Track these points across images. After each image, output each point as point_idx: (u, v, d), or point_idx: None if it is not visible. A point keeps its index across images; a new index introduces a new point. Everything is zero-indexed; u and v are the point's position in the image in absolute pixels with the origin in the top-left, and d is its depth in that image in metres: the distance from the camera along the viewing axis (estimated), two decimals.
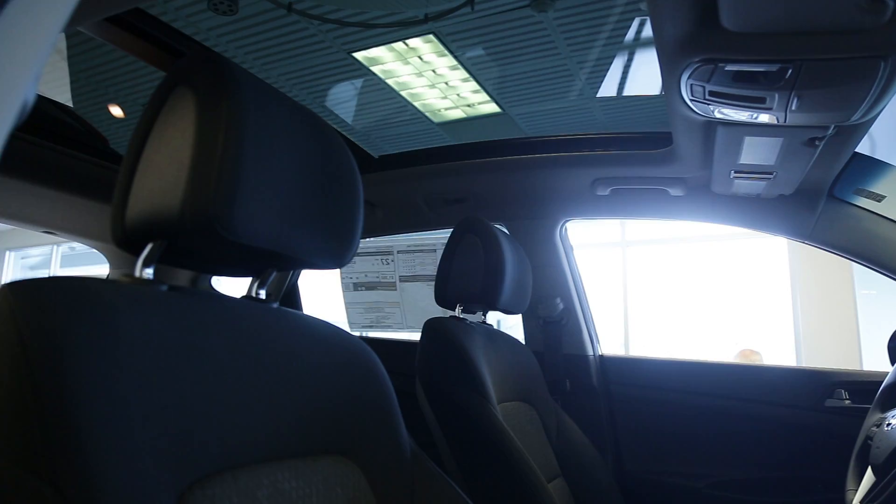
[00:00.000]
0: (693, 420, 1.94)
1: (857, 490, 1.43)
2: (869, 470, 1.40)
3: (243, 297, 0.84)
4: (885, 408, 1.51)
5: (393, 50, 3.93)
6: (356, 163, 0.88)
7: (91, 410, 0.54)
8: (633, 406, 2.01)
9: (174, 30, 1.52)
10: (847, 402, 1.80)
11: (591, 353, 2.03)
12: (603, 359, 2.06)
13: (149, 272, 0.70)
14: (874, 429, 1.46)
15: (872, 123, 1.33)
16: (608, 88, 4.18)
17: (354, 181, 0.86)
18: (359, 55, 3.96)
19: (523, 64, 4.07)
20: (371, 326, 2.46)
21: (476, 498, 1.29)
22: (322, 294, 2.83)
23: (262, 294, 0.85)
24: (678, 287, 6.07)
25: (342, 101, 4.61)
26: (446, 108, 4.65)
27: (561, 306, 2.00)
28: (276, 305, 0.84)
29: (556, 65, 4.03)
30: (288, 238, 0.75)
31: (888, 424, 1.41)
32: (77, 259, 8.05)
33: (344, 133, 1.89)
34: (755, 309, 5.80)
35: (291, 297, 2.36)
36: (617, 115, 4.57)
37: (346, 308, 2.46)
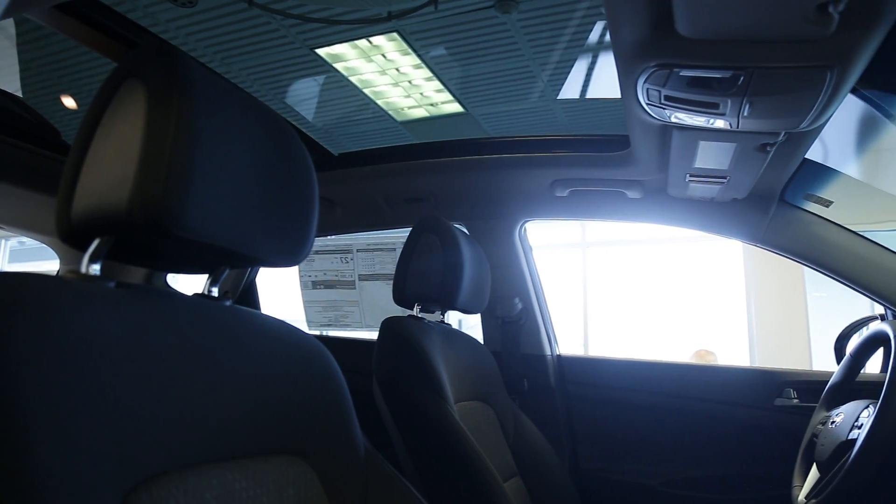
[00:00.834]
0: (648, 419, 1.98)
1: (802, 486, 1.47)
2: (814, 466, 1.45)
3: (196, 294, 0.83)
4: (831, 406, 1.56)
5: (356, 47, 3.91)
6: (315, 160, 0.88)
7: (30, 410, 0.53)
8: (590, 405, 2.03)
9: (127, 20, 1.48)
10: (795, 401, 1.85)
11: (548, 352, 2.05)
12: (560, 359, 2.08)
13: (95, 268, 0.69)
14: (820, 427, 1.51)
15: (821, 131, 1.37)
16: (569, 91, 4.23)
17: (310, 178, 0.85)
18: (321, 51, 3.93)
19: (487, 64, 4.09)
20: (329, 325, 2.44)
21: (432, 498, 1.29)
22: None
23: (215, 291, 0.83)
24: (637, 288, 6.17)
25: (303, 97, 4.57)
26: (410, 107, 4.65)
27: (519, 306, 2.01)
28: (229, 303, 0.83)
29: (520, 66, 4.06)
30: (241, 235, 0.73)
31: (832, 423, 1.45)
32: (27, 254, 7.81)
33: (304, 130, 1.87)
34: (711, 310, 5.94)
35: (249, 295, 2.32)
36: (579, 117, 4.63)
37: (305, 306, 2.44)
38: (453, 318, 1.69)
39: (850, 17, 0.87)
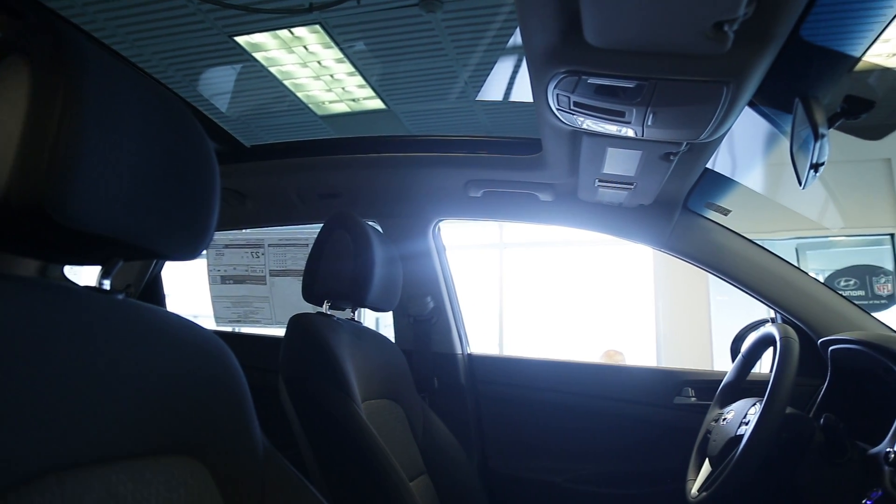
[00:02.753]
0: (556, 417, 2.02)
1: (696, 480, 1.54)
2: (706, 461, 1.52)
3: (86, 287, 0.78)
4: (723, 404, 1.64)
5: (277, 37, 3.83)
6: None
7: None
8: (500, 404, 2.06)
9: None
10: (693, 399, 1.94)
11: (459, 351, 2.06)
12: (471, 357, 2.10)
13: None
14: (713, 423, 1.58)
15: (720, 142, 1.44)
16: (489, 92, 4.28)
17: (210, 169, 0.82)
18: (240, 40, 3.82)
19: (410, 62, 4.09)
20: (239, 321, 2.37)
21: (336, 498, 1.28)
22: None
23: (107, 284, 0.79)
24: (552, 289, 6.32)
25: (219, 85, 4.43)
26: (331, 101, 4.59)
27: (431, 305, 2.02)
28: (121, 297, 0.79)
29: (443, 66, 4.08)
30: (133, 225, 0.70)
31: (724, 419, 1.53)
32: None
33: (215, 120, 1.81)
34: (622, 311, 6.15)
35: (153, 289, 2.23)
36: (499, 119, 4.69)
37: (213, 302, 2.36)
38: (370, 316, 1.67)
39: (744, 35, 0.92)
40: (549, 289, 6.33)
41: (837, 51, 1.57)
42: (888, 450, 1.23)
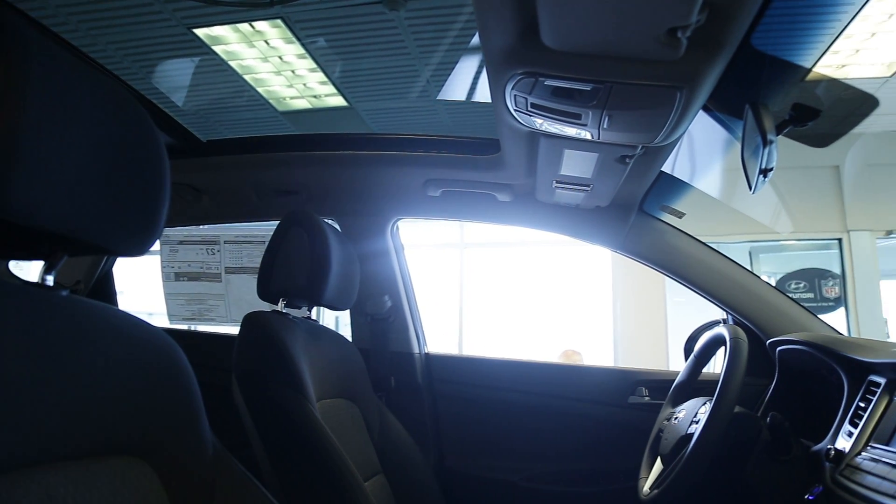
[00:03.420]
0: (513, 417, 2.04)
1: (648, 477, 1.57)
2: (658, 459, 1.55)
3: (28, 283, 0.76)
4: (676, 403, 1.67)
5: (238, 31, 3.76)
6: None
7: None
8: (457, 403, 2.07)
9: None
10: (647, 398, 1.97)
11: (416, 350, 2.06)
12: (429, 357, 2.10)
13: None
14: (665, 422, 1.61)
15: (675, 146, 1.46)
16: (450, 92, 4.29)
17: (160, 164, 0.80)
18: (200, 32, 3.75)
19: (373, 60, 4.06)
20: (193, 319, 2.32)
21: (289, 498, 1.26)
22: None
23: (50, 280, 0.77)
24: (513, 289, 6.36)
25: (177, 78, 4.34)
26: (292, 97, 4.53)
27: (389, 304, 2.01)
28: (65, 293, 0.77)
29: (406, 64, 4.06)
30: (78, 220, 0.68)
31: (675, 418, 1.56)
32: None
33: (171, 113, 1.77)
34: (581, 311, 6.23)
35: (104, 286, 2.17)
36: (462, 119, 4.70)
37: (166, 299, 2.31)
38: (330, 315, 1.66)
39: (697, 42, 0.94)
40: (509, 289, 6.37)
41: (788, 60, 1.62)
42: (829, 447, 1.27)
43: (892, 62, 4.05)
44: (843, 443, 1.25)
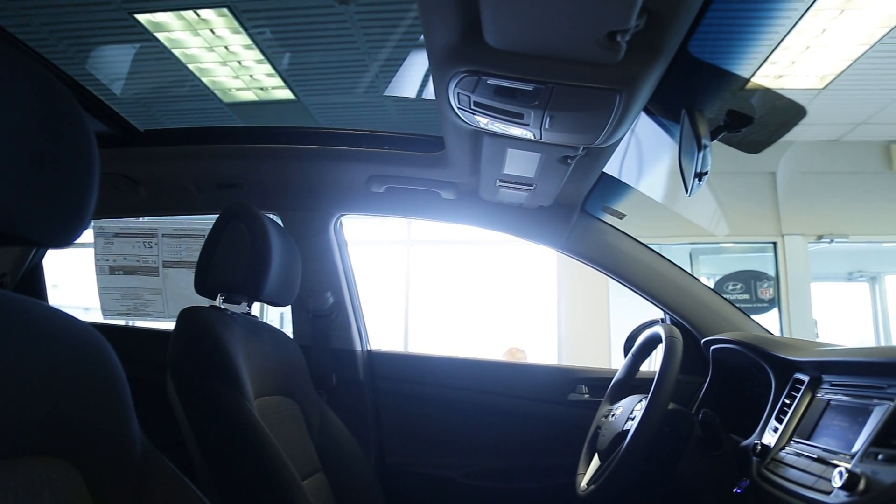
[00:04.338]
0: (455, 414, 2.04)
1: (585, 473, 1.59)
2: (596, 455, 1.57)
3: None
4: (613, 400, 1.71)
5: (182, 18, 3.66)
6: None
7: None
8: (399, 400, 2.06)
9: None
10: (586, 395, 2.01)
11: (359, 347, 2.05)
12: (371, 354, 2.09)
13: None
14: (603, 419, 1.64)
15: (615, 148, 1.49)
16: (398, 88, 4.27)
17: (88, 153, 0.77)
18: (142, 17, 3.63)
19: (322, 53, 4.02)
20: (128, 314, 2.25)
21: (224, 499, 1.23)
22: None
23: None
24: (459, 287, 6.39)
25: (115, 65, 4.19)
26: (238, 89, 4.44)
27: (331, 300, 1.99)
28: None
29: (354, 59, 4.03)
30: None
31: (612, 415, 1.59)
32: None
33: (106, 101, 1.70)
34: (527, 310, 6.30)
35: (33, 280, 2.08)
36: (409, 115, 4.69)
37: (99, 293, 2.23)
38: (275, 311, 1.63)
39: (636, 46, 0.96)
40: (456, 286, 6.39)
41: (725, 68, 1.67)
42: (756, 442, 1.32)
43: (825, 75, 4.23)
44: (769, 438, 1.30)
